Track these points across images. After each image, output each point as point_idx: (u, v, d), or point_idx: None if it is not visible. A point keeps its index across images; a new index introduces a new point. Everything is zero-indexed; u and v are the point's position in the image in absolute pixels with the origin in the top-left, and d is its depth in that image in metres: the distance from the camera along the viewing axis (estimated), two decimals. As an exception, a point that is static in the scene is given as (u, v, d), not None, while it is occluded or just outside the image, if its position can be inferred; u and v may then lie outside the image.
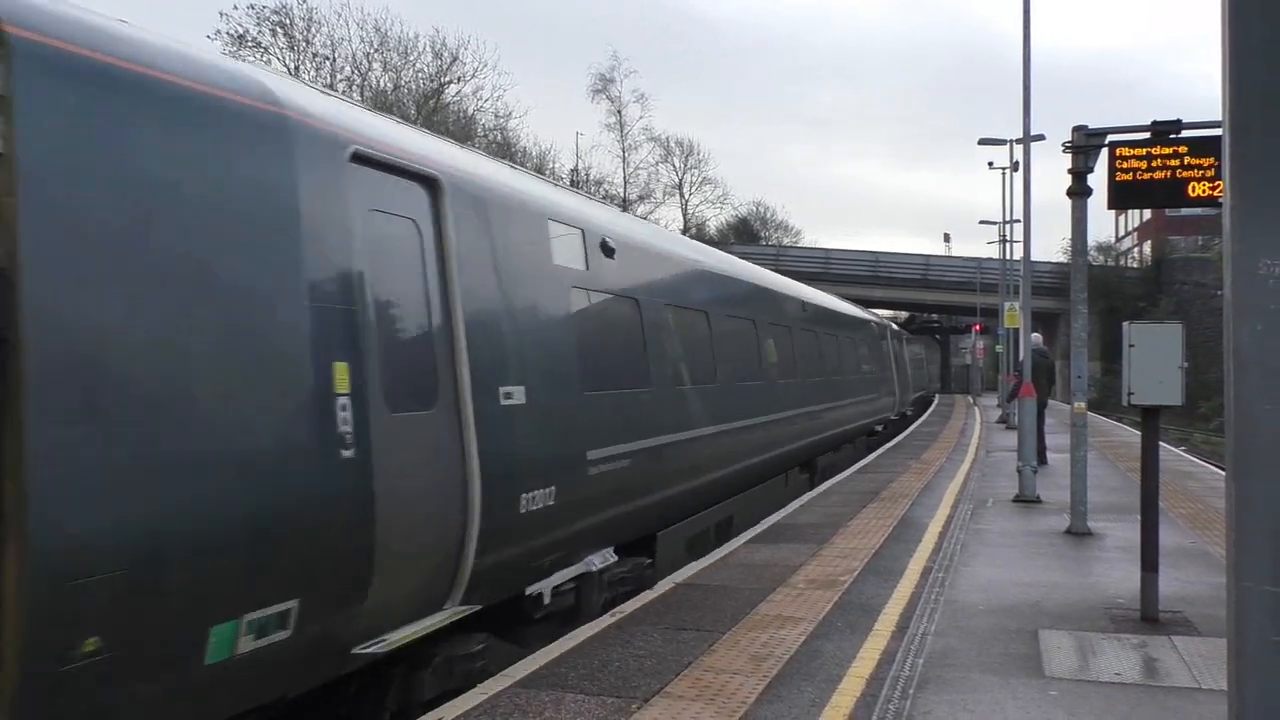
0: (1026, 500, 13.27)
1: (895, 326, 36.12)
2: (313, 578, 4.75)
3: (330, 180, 5.16)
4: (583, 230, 8.18)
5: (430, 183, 6.05)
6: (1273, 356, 2.06)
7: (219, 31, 33.52)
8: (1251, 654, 2.10)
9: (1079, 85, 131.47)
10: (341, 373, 4.96)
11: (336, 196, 5.17)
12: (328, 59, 36.29)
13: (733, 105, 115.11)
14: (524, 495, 6.56)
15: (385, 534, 5.12)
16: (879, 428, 25.91)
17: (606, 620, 7.18)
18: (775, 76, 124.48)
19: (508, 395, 6.46)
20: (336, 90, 33.61)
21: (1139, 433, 7.65)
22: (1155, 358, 7.15)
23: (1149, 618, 7.21)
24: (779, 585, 8.27)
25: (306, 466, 4.71)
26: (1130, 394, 7.17)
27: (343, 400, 4.94)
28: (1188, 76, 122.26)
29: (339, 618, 5.01)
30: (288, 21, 34.97)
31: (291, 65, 34.32)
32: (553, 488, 6.90)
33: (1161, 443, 8.87)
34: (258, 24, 34.40)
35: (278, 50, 34.66)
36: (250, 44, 33.75)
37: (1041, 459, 16.90)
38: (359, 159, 5.39)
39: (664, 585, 8.32)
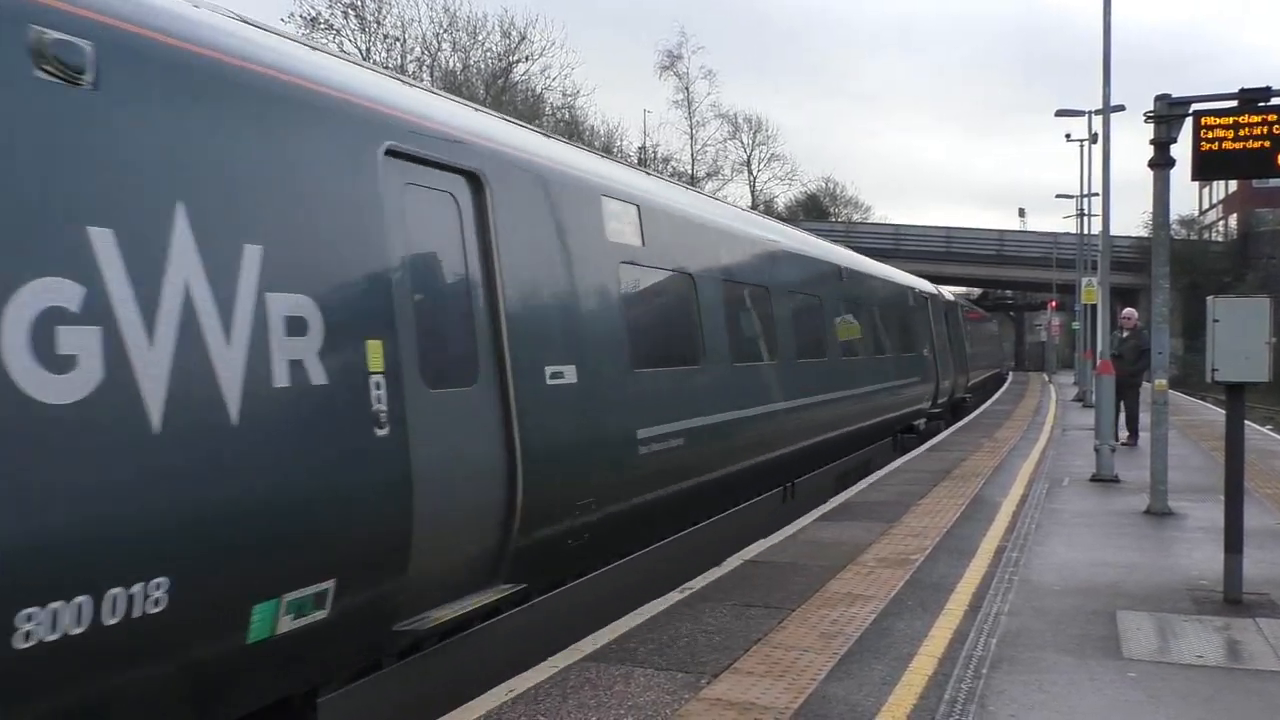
0: (1104, 479, 12.97)
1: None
2: None
3: None
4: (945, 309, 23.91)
5: None
6: (1369, 327, 1.99)
7: (292, 15, 34.03)
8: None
9: (1149, 58, 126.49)
10: None
11: None
12: (398, 40, 36.60)
13: (797, 80, 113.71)
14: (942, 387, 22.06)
15: None
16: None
17: (675, 596, 7.20)
18: (836, 50, 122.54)
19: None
20: (406, 72, 33.89)
21: (1222, 411, 7.44)
22: (1240, 333, 6.96)
23: (1232, 600, 7.03)
24: (849, 563, 8.23)
25: None
26: (1214, 371, 6.98)
27: None
28: (1264, 50, 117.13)
29: None
30: (359, 3, 35.34)
31: (363, 47, 34.70)
32: (953, 379, 22.86)
33: (1247, 421, 8.62)
34: (329, 6, 34.81)
35: (349, 32, 35.05)
36: (323, 26, 34.21)
37: (1134, 437, 16.61)
38: None
39: (732, 562, 8.32)
